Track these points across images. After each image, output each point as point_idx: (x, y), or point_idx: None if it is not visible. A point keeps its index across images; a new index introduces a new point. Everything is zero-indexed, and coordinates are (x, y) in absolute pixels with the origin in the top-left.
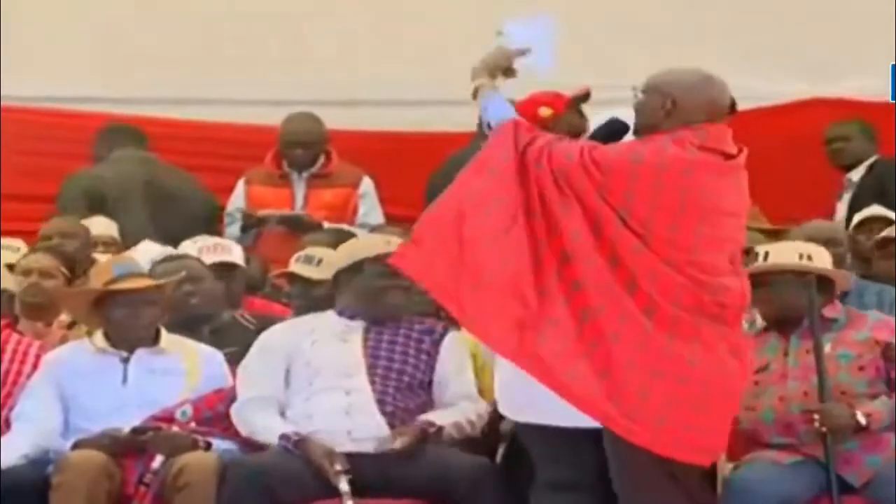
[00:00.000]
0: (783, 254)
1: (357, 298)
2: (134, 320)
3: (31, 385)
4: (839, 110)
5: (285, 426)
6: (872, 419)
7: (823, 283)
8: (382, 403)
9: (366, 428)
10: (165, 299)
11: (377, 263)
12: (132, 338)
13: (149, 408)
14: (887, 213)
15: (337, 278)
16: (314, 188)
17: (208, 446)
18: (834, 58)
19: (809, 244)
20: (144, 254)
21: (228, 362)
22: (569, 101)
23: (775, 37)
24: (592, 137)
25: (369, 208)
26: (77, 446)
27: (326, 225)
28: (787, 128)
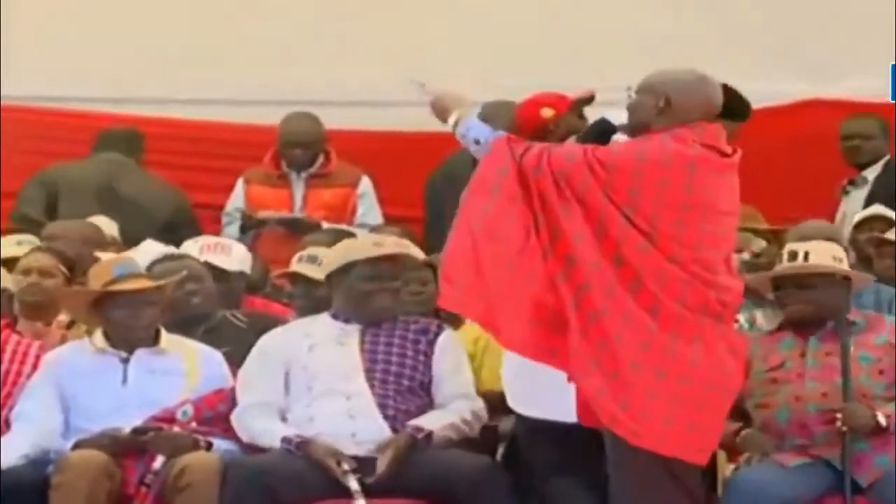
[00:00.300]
0: (822, 255)
1: (346, 301)
2: (134, 321)
3: (31, 385)
4: (839, 110)
5: (286, 429)
6: (891, 421)
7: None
8: (384, 407)
9: (369, 431)
10: (166, 299)
11: (365, 266)
12: (132, 338)
13: (149, 408)
14: (887, 213)
15: (329, 280)
16: (313, 188)
17: (209, 446)
18: (834, 58)
19: (834, 245)
20: (146, 253)
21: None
22: (571, 103)
23: (775, 37)
24: (582, 138)
25: (368, 208)
26: (77, 446)
27: (325, 225)
28: (787, 128)
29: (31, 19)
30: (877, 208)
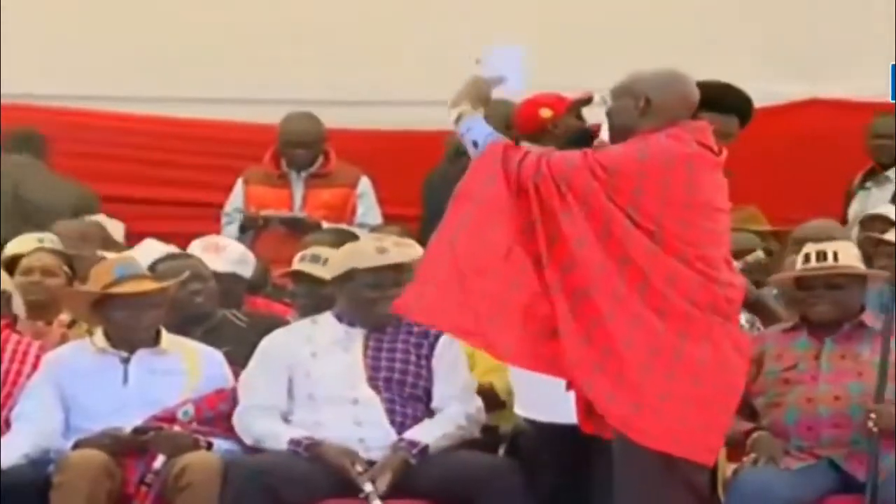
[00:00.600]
0: (850, 255)
1: (350, 306)
2: (134, 322)
3: (31, 385)
4: (839, 110)
5: (293, 431)
6: None
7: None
8: (391, 413)
9: (376, 438)
10: (169, 300)
11: (369, 274)
12: (132, 339)
13: (149, 408)
14: (889, 214)
15: (333, 282)
16: (312, 188)
17: (209, 446)
18: (834, 58)
19: (854, 246)
20: (147, 252)
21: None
22: (569, 104)
23: (775, 37)
24: (564, 145)
25: (367, 208)
26: (78, 446)
27: (326, 225)
28: (787, 128)
29: (31, 18)
30: (882, 208)
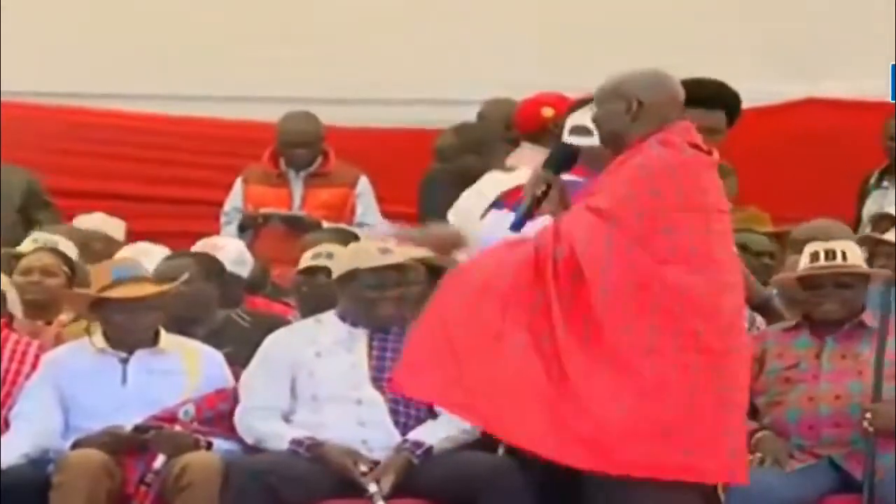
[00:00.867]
0: (856, 255)
1: (353, 306)
2: (132, 324)
3: (30, 385)
4: (839, 110)
5: (294, 431)
6: None
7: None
8: (395, 413)
9: (379, 439)
10: (167, 302)
11: (371, 274)
12: (131, 340)
13: (149, 408)
14: (891, 213)
15: (336, 283)
16: (312, 187)
17: (209, 446)
18: (834, 58)
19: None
20: (145, 254)
21: (227, 362)
22: (571, 105)
23: (775, 37)
24: (546, 166)
25: (366, 208)
26: (78, 445)
27: (325, 224)
28: (787, 128)
29: (31, 14)
30: (888, 208)
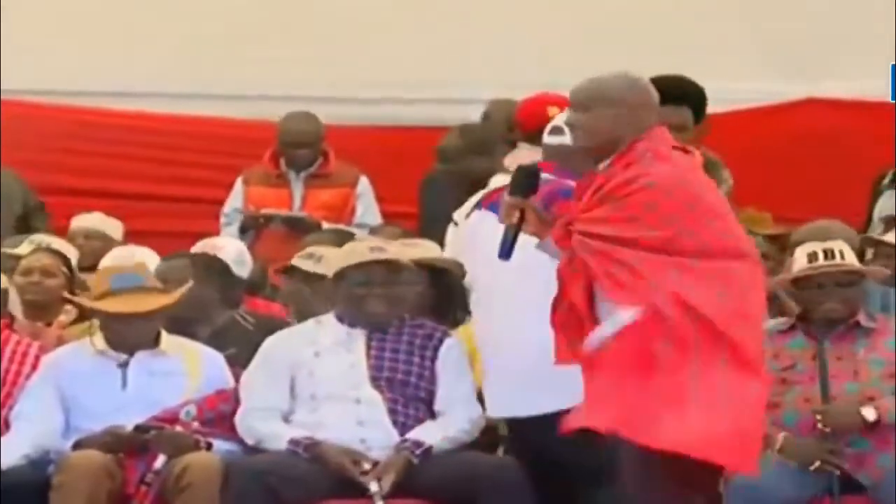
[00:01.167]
0: (851, 254)
1: (344, 305)
2: (130, 334)
3: (31, 386)
4: (839, 110)
5: (293, 431)
6: (882, 411)
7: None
8: (394, 413)
9: (378, 438)
10: (166, 314)
11: (359, 271)
12: (130, 344)
13: (149, 409)
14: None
15: (331, 283)
16: (312, 188)
17: (209, 447)
18: (834, 58)
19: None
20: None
21: (228, 364)
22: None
23: (775, 37)
24: (512, 188)
25: (366, 208)
26: (78, 445)
27: (326, 225)
28: (787, 128)
29: (31, 12)
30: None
